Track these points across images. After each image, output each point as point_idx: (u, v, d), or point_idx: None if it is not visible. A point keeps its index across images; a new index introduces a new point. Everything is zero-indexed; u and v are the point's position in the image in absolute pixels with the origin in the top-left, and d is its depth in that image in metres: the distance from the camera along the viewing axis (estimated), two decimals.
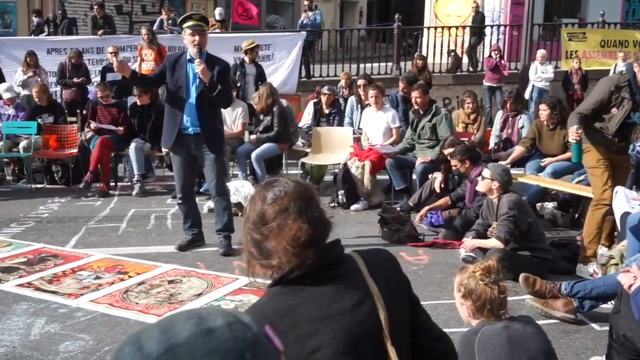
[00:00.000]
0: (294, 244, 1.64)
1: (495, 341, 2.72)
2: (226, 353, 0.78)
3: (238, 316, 0.84)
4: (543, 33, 15.59)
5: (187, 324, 0.81)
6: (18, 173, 9.36)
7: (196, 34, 5.51)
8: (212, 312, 0.83)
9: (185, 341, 0.78)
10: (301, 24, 14.61)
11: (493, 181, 5.37)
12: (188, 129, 5.68)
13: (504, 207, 5.21)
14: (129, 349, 0.80)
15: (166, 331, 0.80)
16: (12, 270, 5.52)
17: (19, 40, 12.91)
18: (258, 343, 0.82)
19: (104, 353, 4.00)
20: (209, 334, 0.79)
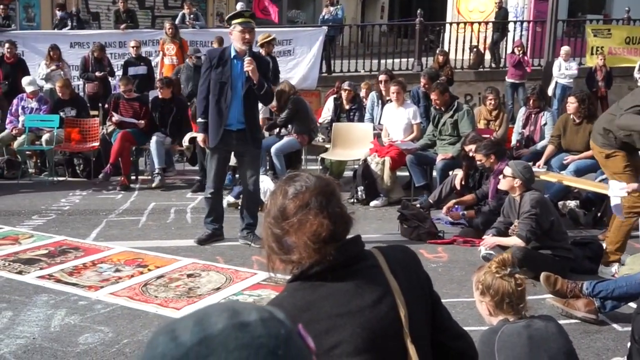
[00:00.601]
0: (314, 240, 1.63)
1: (515, 340, 2.69)
2: (259, 348, 0.78)
3: (272, 312, 0.84)
4: (567, 29, 15.41)
5: (221, 316, 0.81)
6: (40, 166, 9.46)
7: (247, 31, 5.51)
8: (246, 307, 0.83)
9: (219, 333, 0.78)
10: (322, 19, 14.58)
11: (515, 179, 5.31)
12: (232, 125, 5.70)
13: (526, 205, 5.15)
14: (162, 337, 0.80)
15: (201, 322, 0.80)
16: (34, 262, 5.58)
17: (42, 34, 13.04)
18: (291, 340, 0.81)
19: (123, 345, 4.03)
20: (243, 328, 0.79)
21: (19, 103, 9.31)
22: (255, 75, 5.51)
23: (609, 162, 5.17)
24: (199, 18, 13.24)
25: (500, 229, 5.56)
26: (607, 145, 5.10)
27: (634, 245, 5.75)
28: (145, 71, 10.96)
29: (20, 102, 9.31)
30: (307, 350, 0.84)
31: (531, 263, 4.88)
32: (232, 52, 5.62)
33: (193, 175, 8.90)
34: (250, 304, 0.85)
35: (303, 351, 0.83)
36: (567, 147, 7.35)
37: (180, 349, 0.77)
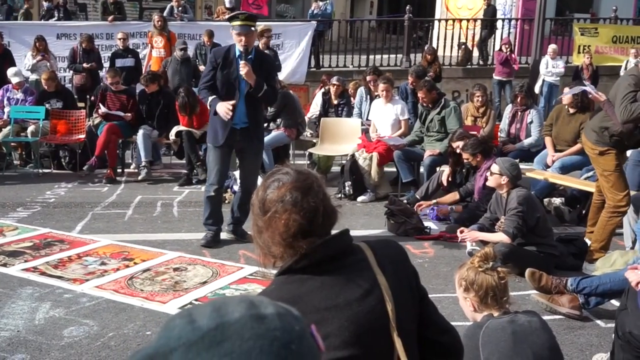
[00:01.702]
0: (284, 235, 1.65)
1: (499, 335, 2.71)
2: (273, 340, 0.79)
3: (289, 309, 0.86)
4: (554, 27, 15.50)
5: (239, 306, 0.82)
6: (25, 157, 9.38)
7: (242, 34, 5.43)
8: (264, 300, 0.85)
9: (235, 321, 0.80)
10: (311, 13, 14.57)
11: (502, 176, 5.33)
12: (237, 125, 5.66)
13: (513, 202, 5.17)
14: (180, 320, 0.82)
15: (219, 309, 0.82)
16: (18, 254, 5.54)
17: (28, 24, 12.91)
18: (304, 338, 0.83)
19: (108, 339, 4.01)
20: (259, 320, 0.81)
21: (4, 94, 9.22)
22: (250, 78, 5.45)
23: (601, 159, 5.17)
24: (187, 11, 13.17)
25: (485, 226, 5.59)
26: (600, 142, 5.11)
27: (617, 242, 5.80)
28: (132, 63, 10.89)
29: (6, 93, 9.23)
30: (317, 350, 0.85)
31: (516, 259, 4.91)
32: (236, 51, 5.54)
33: (180, 169, 8.87)
34: (268, 299, 0.86)
35: (313, 350, 0.84)
36: (556, 136, 7.40)
37: (196, 333, 0.79)
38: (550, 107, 12.41)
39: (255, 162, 5.94)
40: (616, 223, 5.28)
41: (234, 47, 5.57)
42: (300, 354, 0.81)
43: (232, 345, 0.77)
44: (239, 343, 0.78)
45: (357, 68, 13.32)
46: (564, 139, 7.29)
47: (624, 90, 4.80)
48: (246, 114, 5.64)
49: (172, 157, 9.54)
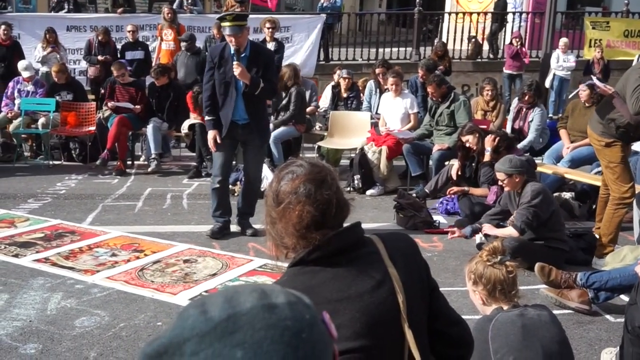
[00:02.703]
0: (297, 227, 1.67)
1: (509, 328, 2.71)
2: (284, 330, 0.80)
3: (300, 297, 0.87)
4: (565, 21, 15.38)
5: (251, 296, 0.83)
6: (36, 149, 9.44)
7: (232, 35, 5.41)
8: (275, 289, 0.86)
9: (247, 312, 0.81)
10: (321, 6, 14.53)
11: (512, 176, 5.28)
12: (238, 120, 5.68)
13: (527, 196, 5.13)
14: (193, 310, 0.83)
15: (230, 300, 0.83)
16: (30, 245, 5.58)
17: (38, 16, 12.94)
18: (315, 326, 0.84)
19: (120, 329, 4.04)
20: (270, 309, 0.82)
21: (15, 86, 9.27)
22: (244, 78, 5.46)
23: (607, 151, 5.15)
24: (196, 3, 13.16)
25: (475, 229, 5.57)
26: (607, 134, 5.10)
27: (627, 237, 5.79)
28: (142, 56, 10.90)
29: (17, 85, 9.27)
30: (329, 337, 0.86)
31: (525, 253, 4.89)
32: (231, 49, 5.51)
33: (189, 161, 8.90)
34: (279, 287, 0.87)
35: (325, 337, 0.85)
36: (571, 127, 7.41)
37: (209, 323, 0.80)
38: (561, 101, 12.37)
39: (257, 156, 5.94)
40: (622, 215, 5.26)
41: (229, 45, 5.55)
42: (312, 342, 0.82)
43: (243, 336, 0.79)
44: (251, 333, 0.79)
45: (366, 61, 13.29)
46: (579, 130, 7.30)
47: (635, 83, 4.77)
48: (246, 111, 5.64)
49: (181, 150, 9.57)
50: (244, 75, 5.44)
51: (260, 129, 5.80)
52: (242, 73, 5.42)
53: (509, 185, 5.33)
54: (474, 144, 6.76)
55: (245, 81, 5.47)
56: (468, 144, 6.81)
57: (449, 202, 6.91)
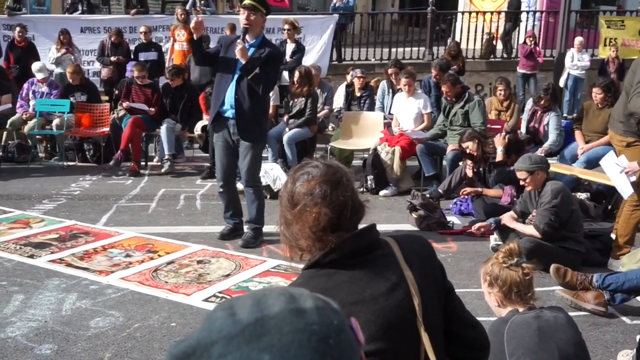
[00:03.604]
0: (314, 229, 1.66)
1: (525, 330, 2.69)
2: (311, 334, 0.80)
3: (328, 302, 0.86)
4: (580, 20, 15.29)
5: (279, 299, 0.83)
6: (50, 150, 9.50)
7: (245, 12, 5.35)
8: (303, 293, 0.86)
9: (275, 315, 0.81)
10: (333, 6, 14.51)
11: (534, 173, 5.24)
12: (227, 112, 5.52)
13: (547, 196, 5.08)
14: (221, 312, 0.83)
15: (259, 303, 0.83)
16: (45, 246, 5.61)
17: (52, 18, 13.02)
18: (343, 331, 0.83)
19: (134, 330, 4.06)
20: (298, 314, 0.81)
21: (30, 87, 9.33)
22: (242, 56, 5.30)
23: (628, 151, 5.07)
24: (209, 4, 13.18)
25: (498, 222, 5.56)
26: (628, 133, 5.03)
27: None
28: (155, 57, 10.95)
29: (31, 86, 9.34)
30: (356, 343, 0.86)
31: (541, 255, 4.85)
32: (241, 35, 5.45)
33: (202, 162, 8.92)
34: (307, 292, 0.87)
35: (353, 343, 0.84)
36: (586, 128, 7.38)
37: (237, 326, 0.80)
38: (576, 100, 12.28)
39: (245, 158, 5.60)
40: (639, 217, 5.20)
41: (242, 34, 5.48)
42: (339, 348, 0.81)
43: (271, 340, 0.78)
44: (278, 337, 0.79)
45: (379, 61, 13.27)
46: (594, 130, 7.27)
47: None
48: (234, 101, 5.43)
49: (194, 151, 9.59)
50: (243, 53, 5.30)
51: (244, 126, 5.48)
52: (242, 50, 5.29)
53: (532, 183, 5.28)
54: (474, 150, 6.76)
55: (243, 59, 5.31)
56: (468, 151, 6.79)
57: (463, 203, 6.87)
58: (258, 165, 5.78)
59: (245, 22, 5.38)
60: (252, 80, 5.36)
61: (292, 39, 9.93)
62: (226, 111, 5.52)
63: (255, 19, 5.39)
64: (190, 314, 4.31)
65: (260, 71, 5.36)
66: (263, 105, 5.67)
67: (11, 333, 3.99)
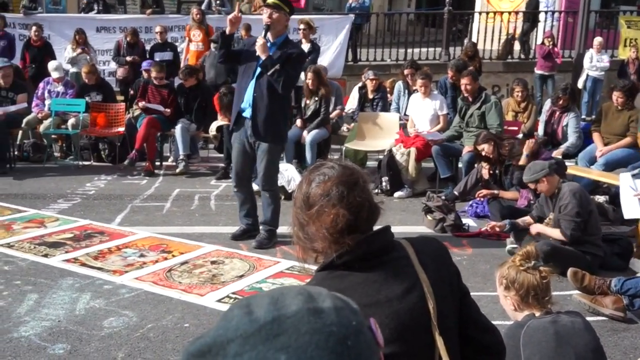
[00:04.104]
0: (331, 231, 1.63)
1: (541, 335, 2.65)
2: (329, 335, 0.78)
3: (347, 302, 0.85)
4: (599, 20, 15.14)
5: (297, 298, 0.82)
6: (66, 150, 9.54)
7: (267, 11, 5.33)
8: (322, 293, 0.84)
9: (292, 315, 0.79)
10: (349, 7, 14.49)
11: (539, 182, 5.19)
12: (245, 111, 5.47)
13: (567, 197, 5.02)
14: (238, 311, 0.82)
15: (276, 302, 0.82)
16: (59, 245, 5.63)
17: (68, 17, 13.10)
18: (361, 333, 0.82)
19: (147, 330, 4.05)
20: (316, 314, 0.80)
21: (46, 87, 9.38)
22: (262, 52, 5.26)
23: None
24: (224, 4, 13.20)
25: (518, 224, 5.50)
26: None
27: None
28: (171, 57, 10.97)
29: (47, 85, 9.38)
30: (375, 345, 0.85)
31: (558, 258, 4.80)
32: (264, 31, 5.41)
33: (217, 163, 8.92)
34: (326, 291, 0.85)
35: (371, 345, 0.83)
36: (604, 130, 7.33)
37: (253, 325, 0.79)
38: (595, 102, 12.15)
39: (262, 161, 5.53)
40: None
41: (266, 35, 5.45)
42: (357, 349, 0.80)
43: (288, 339, 0.77)
44: (295, 337, 0.77)
45: (395, 62, 13.21)
46: (613, 132, 7.20)
47: None
48: (252, 99, 5.38)
49: (209, 151, 9.60)
50: (263, 48, 5.26)
51: (261, 127, 5.40)
52: (263, 46, 5.25)
53: (543, 189, 5.25)
54: (490, 152, 6.70)
55: (263, 55, 5.26)
56: (484, 153, 6.73)
57: (479, 205, 6.81)
58: (275, 169, 5.75)
59: (267, 20, 5.34)
60: (272, 77, 5.30)
61: (307, 38, 9.91)
62: (245, 110, 5.48)
63: (277, 17, 5.34)
64: (203, 314, 4.30)
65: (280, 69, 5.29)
66: (282, 106, 5.58)
67: (25, 332, 3.99)
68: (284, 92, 5.44)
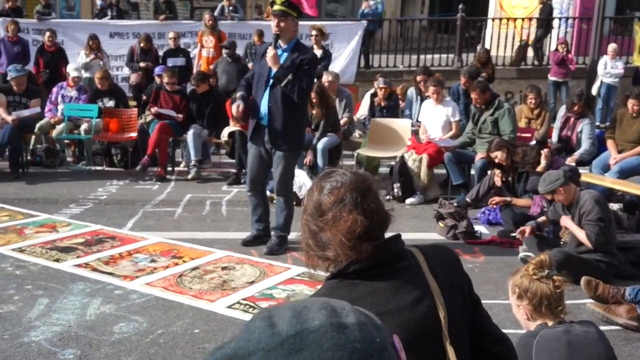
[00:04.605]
0: (349, 236, 1.60)
1: (554, 345, 2.62)
2: (352, 352, 0.77)
3: (371, 317, 0.84)
4: (614, 27, 15.03)
5: (320, 313, 0.81)
6: (78, 155, 9.58)
7: (276, 17, 5.30)
8: (345, 307, 0.83)
9: (315, 330, 0.78)
10: (362, 13, 14.50)
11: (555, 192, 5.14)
12: (262, 120, 5.48)
13: (588, 205, 4.96)
14: (260, 322, 0.81)
15: (299, 315, 0.80)
16: (71, 250, 5.64)
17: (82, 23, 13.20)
18: (385, 350, 0.80)
19: (157, 336, 4.04)
20: (339, 329, 0.78)
21: (59, 91, 9.43)
22: (273, 63, 5.26)
23: None
24: (238, 10, 13.25)
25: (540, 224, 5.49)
26: None
27: None
28: (183, 63, 11.02)
29: (60, 90, 9.43)
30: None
31: (572, 267, 4.75)
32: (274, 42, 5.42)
33: (229, 168, 8.92)
34: (350, 306, 0.84)
35: None
36: (619, 137, 7.29)
37: (275, 338, 0.78)
38: (609, 109, 12.07)
39: (277, 167, 5.55)
40: None
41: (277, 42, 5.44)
42: None
43: (310, 355, 0.76)
44: (318, 353, 0.76)
45: (407, 68, 13.19)
46: (628, 140, 7.15)
47: None
48: (268, 109, 5.39)
49: (221, 157, 9.61)
50: (274, 60, 5.26)
51: (278, 134, 5.41)
52: (273, 57, 5.26)
53: (560, 199, 5.20)
54: (503, 159, 6.65)
55: (274, 67, 5.27)
56: (497, 160, 6.69)
57: (491, 212, 6.77)
58: (290, 175, 5.74)
59: (276, 29, 5.33)
60: (286, 88, 5.29)
61: (319, 45, 9.91)
62: (262, 119, 5.49)
63: (285, 25, 5.32)
64: (214, 320, 4.29)
65: (293, 78, 5.28)
66: (298, 114, 5.54)
67: (35, 337, 4.00)
68: (300, 101, 5.42)
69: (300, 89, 5.31)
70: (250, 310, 4.43)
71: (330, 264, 1.68)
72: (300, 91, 5.31)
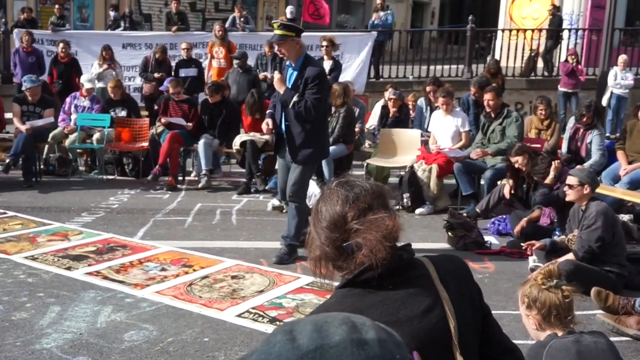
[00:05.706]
0: (389, 238, 1.60)
1: (564, 355, 2.62)
2: None
3: (391, 334, 0.84)
4: (624, 38, 15.02)
5: (340, 328, 0.81)
6: (90, 164, 9.65)
7: (275, 43, 5.65)
8: (366, 323, 0.83)
9: (335, 345, 0.78)
10: (372, 24, 14.55)
11: (583, 186, 5.13)
12: (283, 133, 5.76)
13: (591, 217, 4.96)
14: (281, 337, 0.81)
15: (320, 329, 0.80)
16: (82, 258, 5.68)
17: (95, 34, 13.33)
18: None
19: (167, 344, 4.06)
20: (360, 345, 0.78)
21: (72, 101, 9.52)
22: (279, 87, 5.58)
23: None
24: (249, 21, 13.34)
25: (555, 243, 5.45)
26: None
27: None
28: (195, 73, 11.08)
29: (73, 100, 9.52)
30: None
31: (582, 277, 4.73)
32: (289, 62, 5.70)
33: (239, 178, 8.96)
34: (370, 322, 0.84)
35: None
36: (629, 148, 7.27)
37: (296, 352, 0.78)
38: (619, 120, 12.03)
39: (295, 172, 5.69)
40: None
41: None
42: None
43: None
44: None
45: (417, 79, 13.22)
46: (638, 151, 7.14)
47: None
48: (285, 127, 5.68)
49: (231, 166, 9.65)
50: (279, 84, 5.58)
51: (293, 146, 5.64)
52: (279, 82, 5.58)
53: (575, 194, 5.17)
54: (524, 165, 6.63)
55: (280, 90, 5.59)
56: (517, 165, 6.67)
57: (501, 223, 6.76)
58: (304, 182, 5.83)
59: (281, 53, 5.66)
60: (294, 109, 5.53)
61: (329, 55, 9.95)
62: (284, 133, 5.75)
63: (287, 48, 5.52)
64: (223, 329, 4.31)
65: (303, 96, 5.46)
66: (314, 128, 5.66)
67: (46, 344, 4.03)
68: (310, 117, 5.55)
69: (307, 107, 5.49)
70: (259, 319, 4.45)
71: (346, 272, 1.67)
72: (307, 110, 5.48)
